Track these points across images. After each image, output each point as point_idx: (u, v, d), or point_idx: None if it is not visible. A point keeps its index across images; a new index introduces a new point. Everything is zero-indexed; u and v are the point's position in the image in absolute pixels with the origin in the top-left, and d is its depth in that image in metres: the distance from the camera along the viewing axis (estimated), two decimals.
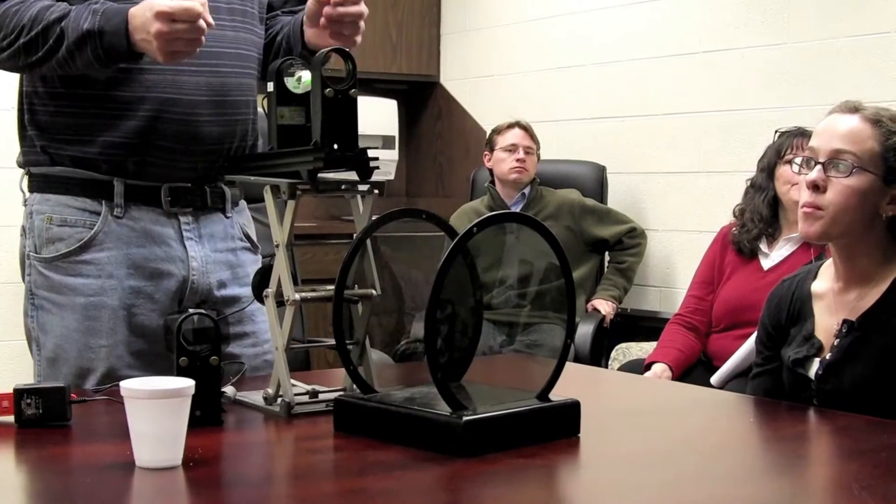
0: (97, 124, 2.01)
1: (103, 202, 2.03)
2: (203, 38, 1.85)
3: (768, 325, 2.12)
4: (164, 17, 1.81)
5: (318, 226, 5.01)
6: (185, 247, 2.08)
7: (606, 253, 4.55)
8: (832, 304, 2.02)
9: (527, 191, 4.50)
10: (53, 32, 1.89)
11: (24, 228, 2.10)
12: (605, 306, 4.29)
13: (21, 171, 2.12)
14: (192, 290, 2.08)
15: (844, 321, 1.97)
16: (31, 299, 2.07)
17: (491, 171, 4.60)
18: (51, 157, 2.05)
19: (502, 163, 4.49)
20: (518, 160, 4.46)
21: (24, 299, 2.09)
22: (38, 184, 2.08)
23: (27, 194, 2.10)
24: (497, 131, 4.57)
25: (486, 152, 4.60)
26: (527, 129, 4.54)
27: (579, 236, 4.40)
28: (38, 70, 1.96)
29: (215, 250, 2.11)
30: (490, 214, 1.60)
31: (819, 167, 1.96)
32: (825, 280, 2.06)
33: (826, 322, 2.02)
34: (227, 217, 2.15)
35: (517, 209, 4.44)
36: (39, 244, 2.05)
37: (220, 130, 2.05)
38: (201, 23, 1.82)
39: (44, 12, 1.91)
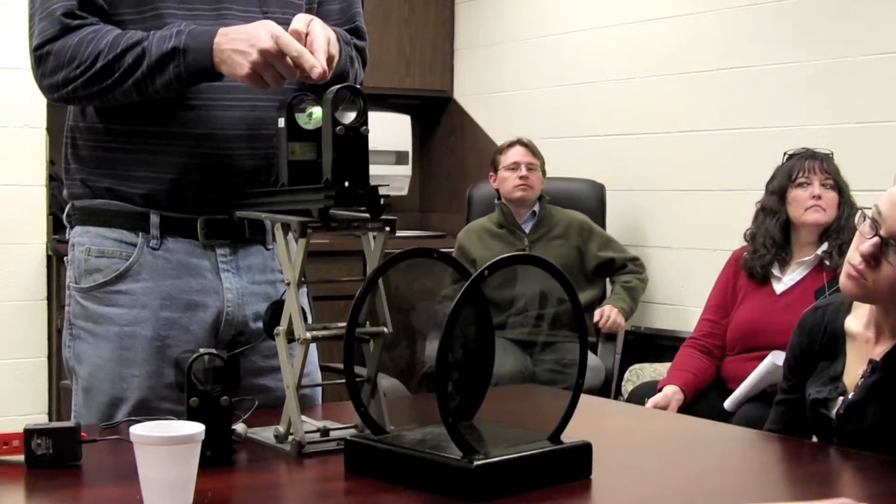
0: (132, 159, 2.02)
1: (140, 233, 2.04)
2: (284, 84, 1.88)
3: (797, 352, 2.09)
4: (281, 43, 1.82)
5: (332, 243, 5.00)
6: (220, 279, 2.07)
7: (607, 280, 4.52)
8: (863, 350, 1.99)
9: (536, 208, 4.49)
10: (133, 54, 1.91)
11: (66, 260, 2.13)
12: (613, 313, 4.26)
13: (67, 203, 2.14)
14: (228, 322, 2.08)
15: (870, 361, 1.95)
16: (69, 329, 2.09)
17: (498, 191, 4.58)
18: (91, 189, 2.06)
19: (506, 181, 4.48)
20: (521, 177, 4.45)
21: (64, 330, 2.11)
22: (80, 216, 2.10)
23: (70, 227, 2.12)
24: (499, 151, 4.58)
25: (491, 173, 4.59)
26: (528, 146, 4.53)
27: (587, 257, 4.39)
28: (111, 96, 1.96)
29: (253, 282, 2.10)
30: (502, 257, 1.58)
31: (878, 240, 1.89)
32: (859, 321, 2.02)
33: (854, 368, 1.99)
34: (268, 249, 2.13)
35: (528, 227, 4.45)
36: (78, 275, 2.07)
37: (255, 164, 2.04)
38: (297, 73, 1.84)
39: (121, 37, 1.93)
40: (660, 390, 3.55)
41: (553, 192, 4.59)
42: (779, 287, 3.51)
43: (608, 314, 4.26)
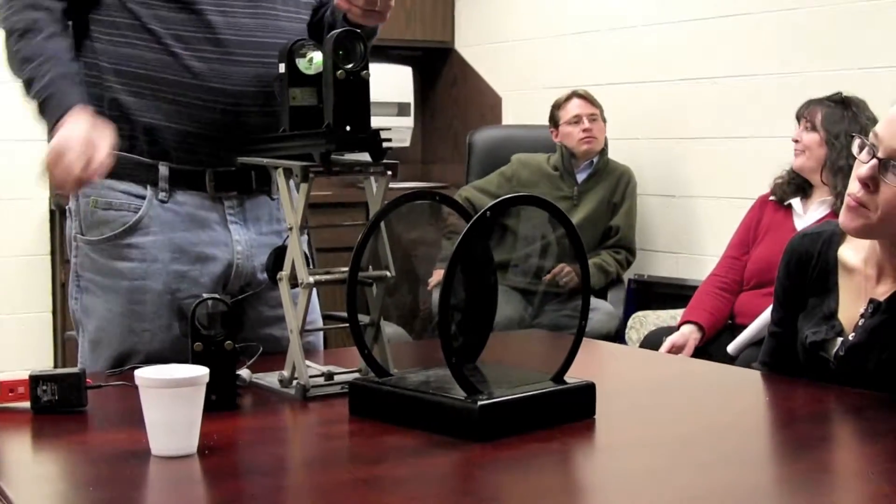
0: (142, 105, 2.00)
1: (148, 186, 2.03)
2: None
3: (786, 282, 2.03)
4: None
5: (334, 194, 5.00)
6: (229, 230, 2.07)
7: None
8: (861, 287, 1.93)
9: (595, 159, 4.46)
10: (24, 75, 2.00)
11: (69, 210, 2.10)
12: (574, 279, 4.19)
13: None
14: (237, 274, 2.08)
15: (871, 301, 1.90)
16: (76, 281, 2.07)
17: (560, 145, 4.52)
18: None
19: (570, 136, 4.43)
20: (584, 130, 4.41)
21: (70, 282, 2.10)
22: None
23: None
24: (557, 106, 4.50)
25: (551, 129, 4.53)
26: (585, 97, 4.47)
27: (612, 215, 4.39)
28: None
29: (260, 233, 2.10)
30: (506, 197, 1.58)
31: (875, 163, 1.82)
32: (856, 253, 1.96)
33: (851, 305, 1.94)
34: (273, 199, 2.13)
35: (582, 177, 4.44)
36: (85, 226, 2.06)
37: (266, 121, 2.03)
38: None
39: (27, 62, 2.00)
40: (679, 326, 3.59)
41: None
42: (799, 223, 3.53)
43: (570, 275, 4.18)
